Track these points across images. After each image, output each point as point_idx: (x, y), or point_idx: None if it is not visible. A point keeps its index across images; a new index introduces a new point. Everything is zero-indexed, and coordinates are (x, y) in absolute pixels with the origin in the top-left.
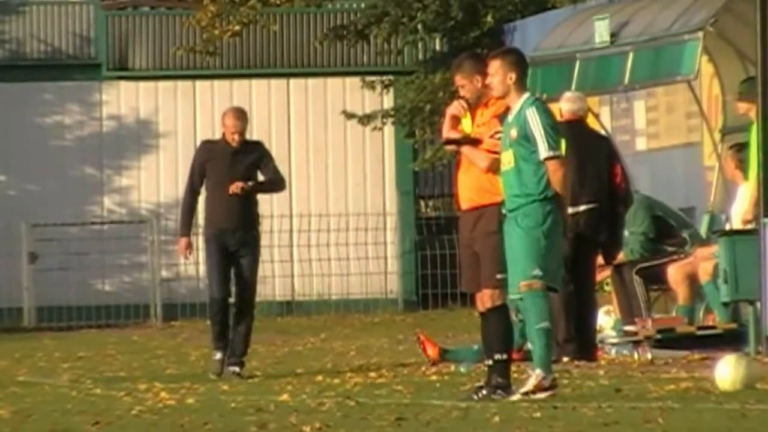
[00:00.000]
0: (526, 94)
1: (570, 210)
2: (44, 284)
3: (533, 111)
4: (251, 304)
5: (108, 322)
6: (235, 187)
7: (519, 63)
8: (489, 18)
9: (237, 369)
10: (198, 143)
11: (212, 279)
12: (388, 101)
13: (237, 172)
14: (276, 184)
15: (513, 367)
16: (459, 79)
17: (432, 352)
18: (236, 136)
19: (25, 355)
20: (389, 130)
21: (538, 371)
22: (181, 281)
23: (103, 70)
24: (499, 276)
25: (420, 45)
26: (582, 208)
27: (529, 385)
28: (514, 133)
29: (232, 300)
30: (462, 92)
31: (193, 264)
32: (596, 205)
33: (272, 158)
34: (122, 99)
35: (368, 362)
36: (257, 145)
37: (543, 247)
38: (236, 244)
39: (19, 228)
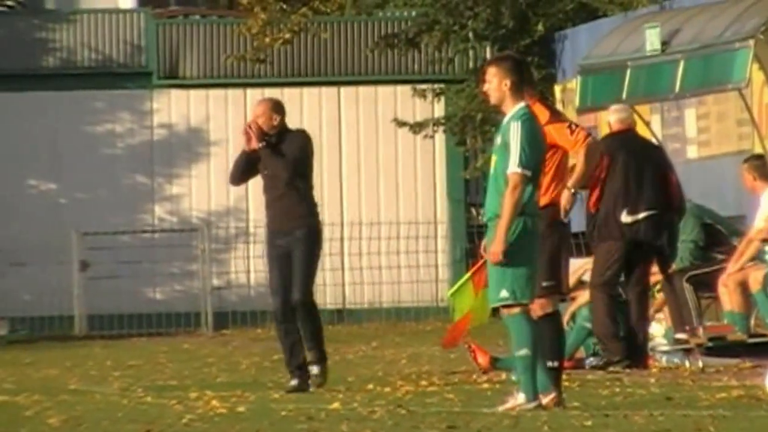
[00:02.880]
0: (521, 104)
1: (629, 218)
2: (95, 292)
3: (517, 124)
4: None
5: (159, 330)
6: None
7: (515, 69)
8: (539, 26)
9: (314, 369)
10: None
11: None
12: (438, 109)
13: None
14: None
15: (564, 376)
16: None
17: (483, 360)
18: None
19: (76, 363)
20: (440, 138)
21: (521, 396)
22: (232, 289)
23: (153, 78)
24: (545, 284)
25: (471, 53)
26: (641, 215)
27: (508, 405)
28: (498, 140)
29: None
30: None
31: (244, 272)
32: (655, 212)
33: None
34: (173, 107)
35: (419, 370)
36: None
37: (510, 266)
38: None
39: (70, 236)
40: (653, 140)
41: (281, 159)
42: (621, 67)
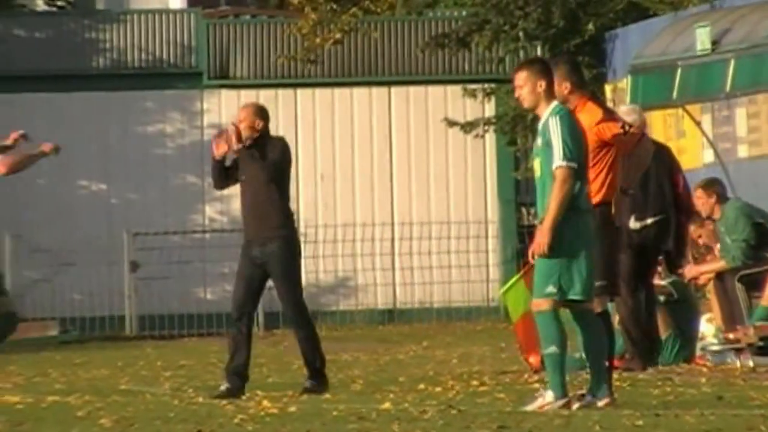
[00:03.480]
0: (554, 103)
1: (637, 224)
2: (146, 293)
3: (556, 120)
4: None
5: (210, 330)
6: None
7: (547, 71)
8: (590, 26)
9: (307, 384)
10: (299, 151)
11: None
12: (489, 109)
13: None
14: None
15: (614, 375)
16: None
17: (534, 360)
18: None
19: (127, 363)
20: (490, 137)
21: (549, 394)
22: None
23: (204, 78)
24: (596, 283)
25: (521, 53)
26: (649, 221)
27: (536, 404)
28: (539, 141)
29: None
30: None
31: None
32: (663, 216)
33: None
34: (223, 107)
35: (470, 370)
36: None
37: (561, 262)
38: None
39: (120, 237)
40: (660, 141)
41: (259, 165)
42: (671, 67)
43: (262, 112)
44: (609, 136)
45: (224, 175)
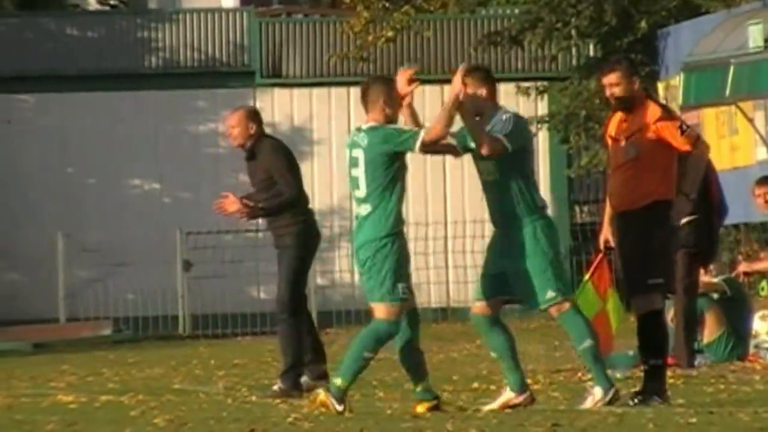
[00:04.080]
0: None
1: None
2: (199, 292)
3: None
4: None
5: (263, 329)
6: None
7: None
8: (642, 23)
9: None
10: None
11: None
12: (542, 107)
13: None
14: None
15: (668, 372)
16: (615, 77)
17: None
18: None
19: (181, 362)
20: (543, 135)
21: (598, 390)
22: (336, 288)
23: (256, 77)
24: (650, 281)
25: (574, 51)
26: (683, 221)
27: (588, 403)
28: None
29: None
30: (617, 90)
31: (348, 271)
32: (696, 216)
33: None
34: (276, 106)
35: (524, 369)
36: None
37: (551, 267)
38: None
39: (173, 236)
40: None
41: (259, 169)
42: (724, 65)
43: (253, 115)
44: (667, 134)
45: None
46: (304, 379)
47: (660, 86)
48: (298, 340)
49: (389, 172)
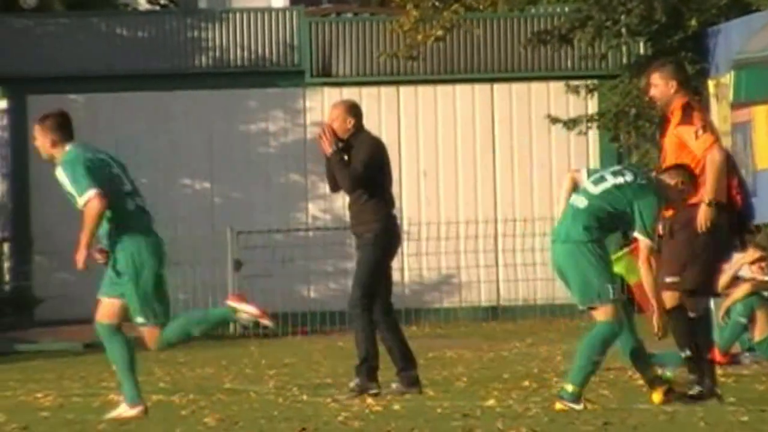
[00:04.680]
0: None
1: None
2: (249, 291)
3: None
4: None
5: (314, 328)
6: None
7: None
8: (693, 21)
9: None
10: (402, 148)
11: None
12: (592, 105)
13: None
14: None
15: (719, 371)
16: (655, 78)
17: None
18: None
19: (231, 362)
20: (593, 134)
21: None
22: None
23: (306, 76)
24: (668, 279)
25: (624, 49)
26: None
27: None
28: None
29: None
30: (653, 91)
31: (398, 270)
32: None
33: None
34: (326, 105)
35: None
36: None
37: None
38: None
39: (224, 235)
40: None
41: (350, 164)
42: None
43: (353, 109)
44: (686, 138)
45: (334, 177)
46: (395, 385)
47: (710, 84)
48: (370, 334)
49: None
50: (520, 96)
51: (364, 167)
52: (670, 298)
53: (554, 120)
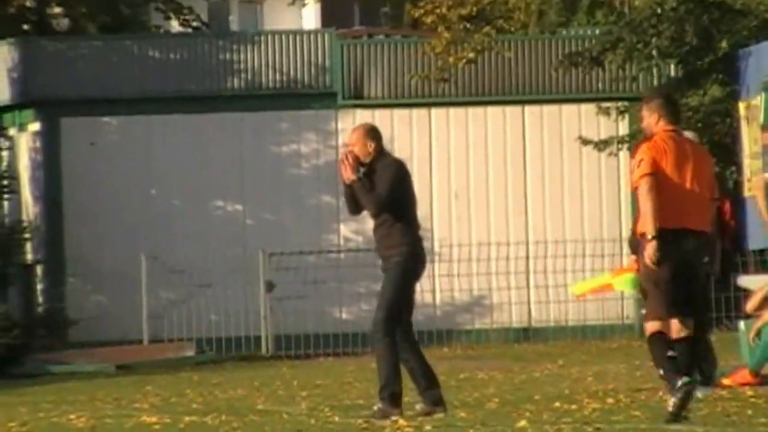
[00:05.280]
0: None
1: None
2: (281, 313)
3: None
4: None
5: (345, 350)
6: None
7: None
8: (723, 43)
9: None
10: (433, 170)
11: None
12: (623, 127)
13: None
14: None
15: (750, 392)
16: (643, 111)
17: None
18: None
19: (264, 383)
20: (625, 155)
21: None
22: (417, 309)
23: (338, 98)
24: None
25: (655, 71)
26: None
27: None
28: None
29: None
30: (642, 123)
31: (430, 291)
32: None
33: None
34: None
35: (605, 388)
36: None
37: None
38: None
39: (256, 257)
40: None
41: (374, 188)
42: None
43: (372, 133)
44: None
45: (357, 200)
46: (419, 406)
47: (741, 106)
48: (393, 358)
49: None
50: (552, 118)
51: (388, 191)
52: (652, 326)
53: (585, 141)
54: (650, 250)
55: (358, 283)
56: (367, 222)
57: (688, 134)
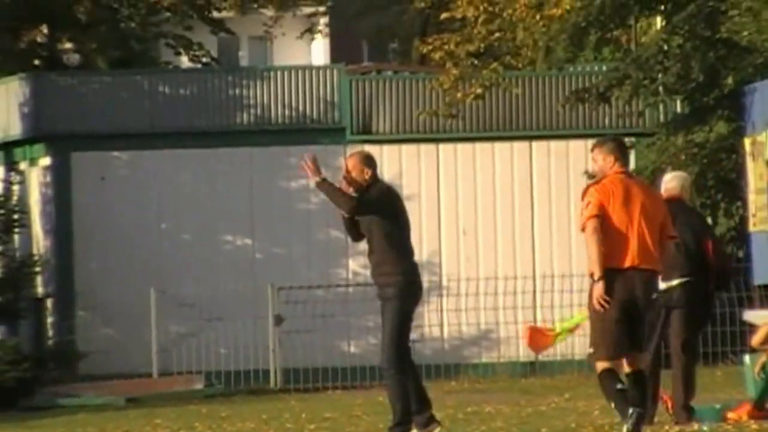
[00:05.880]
0: None
1: (663, 284)
2: (290, 346)
3: None
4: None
5: (354, 383)
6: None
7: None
8: (729, 80)
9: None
10: (441, 206)
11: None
12: (629, 163)
13: None
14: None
15: (755, 425)
16: (595, 153)
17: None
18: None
19: (272, 416)
20: None
21: None
22: (426, 343)
23: (347, 134)
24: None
25: (661, 107)
26: (675, 282)
27: None
28: None
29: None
30: (593, 166)
31: (438, 326)
32: (689, 279)
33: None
34: None
35: (612, 422)
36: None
37: None
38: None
39: (265, 291)
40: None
41: (365, 216)
42: None
43: (369, 160)
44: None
45: (355, 227)
46: (414, 431)
47: (746, 142)
48: (405, 395)
49: None
50: (559, 154)
51: (369, 199)
52: (601, 365)
53: (592, 177)
54: (597, 291)
55: (366, 317)
56: None
57: (677, 174)
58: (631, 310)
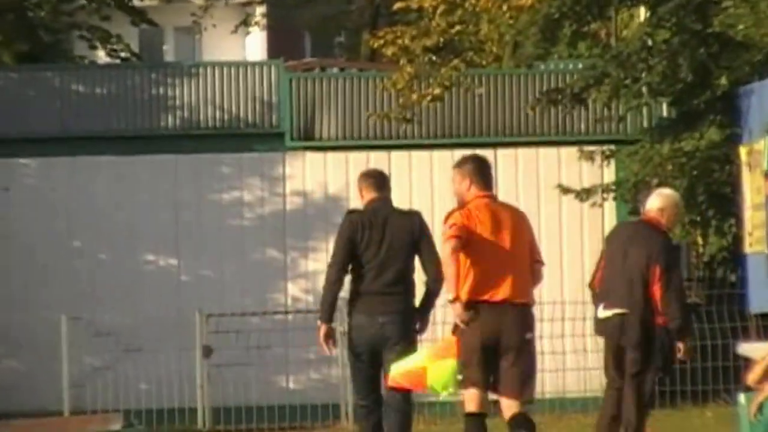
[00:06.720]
0: None
1: (604, 313)
2: (221, 381)
3: None
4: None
5: (293, 423)
6: None
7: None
8: (723, 80)
9: None
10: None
11: None
12: (608, 174)
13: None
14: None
15: None
16: (454, 174)
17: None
18: None
19: None
20: (610, 206)
21: None
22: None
23: (286, 139)
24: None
25: (645, 110)
26: (611, 312)
27: None
28: None
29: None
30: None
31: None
32: (625, 312)
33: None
34: (308, 172)
35: None
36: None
37: None
38: None
39: (192, 318)
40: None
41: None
42: None
43: (363, 179)
44: None
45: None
46: None
47: (742, 151)
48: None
49: None
50: (527, 163)
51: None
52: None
53: (566, 190)
54: (456, 311)
55: (307, 348)
56: (318, 280)
57: (662, 193)
58: (495, 346)
